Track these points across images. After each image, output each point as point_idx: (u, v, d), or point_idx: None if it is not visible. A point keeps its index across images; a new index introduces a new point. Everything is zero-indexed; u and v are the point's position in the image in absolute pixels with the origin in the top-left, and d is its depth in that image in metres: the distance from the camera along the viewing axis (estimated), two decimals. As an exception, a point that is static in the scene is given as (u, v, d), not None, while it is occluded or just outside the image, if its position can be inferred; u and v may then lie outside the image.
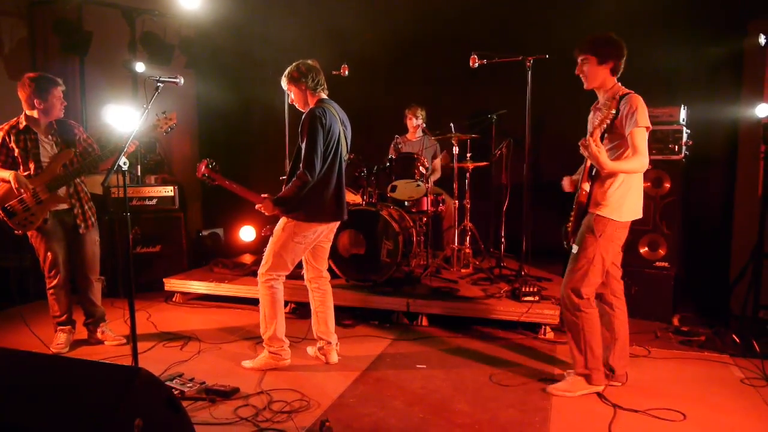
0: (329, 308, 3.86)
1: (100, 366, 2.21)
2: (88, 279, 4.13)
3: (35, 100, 3.80)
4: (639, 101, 3.06)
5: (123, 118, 5.71)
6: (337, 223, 3.79)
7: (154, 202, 5.74)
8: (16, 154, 3.81)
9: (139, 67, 6.11)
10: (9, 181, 3.71)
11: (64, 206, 3.95)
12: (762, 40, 4.06)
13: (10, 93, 4.08)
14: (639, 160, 3.03)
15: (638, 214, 3.24)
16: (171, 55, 6.40)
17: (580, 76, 3.23)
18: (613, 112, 3.02)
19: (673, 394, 3.31)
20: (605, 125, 3.01)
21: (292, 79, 3.56)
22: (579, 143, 3.02)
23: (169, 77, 3.26)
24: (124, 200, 3.07)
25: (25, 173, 3.80)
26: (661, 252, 4.63)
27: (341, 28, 5.64)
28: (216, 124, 6.95)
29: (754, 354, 3.78)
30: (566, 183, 3.49)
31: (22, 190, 3.72)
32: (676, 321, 4.45)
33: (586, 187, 3.18)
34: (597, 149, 2.95)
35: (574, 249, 3.24)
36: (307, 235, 3.59)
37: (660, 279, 4.62)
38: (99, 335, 4.19)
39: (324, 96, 3.61)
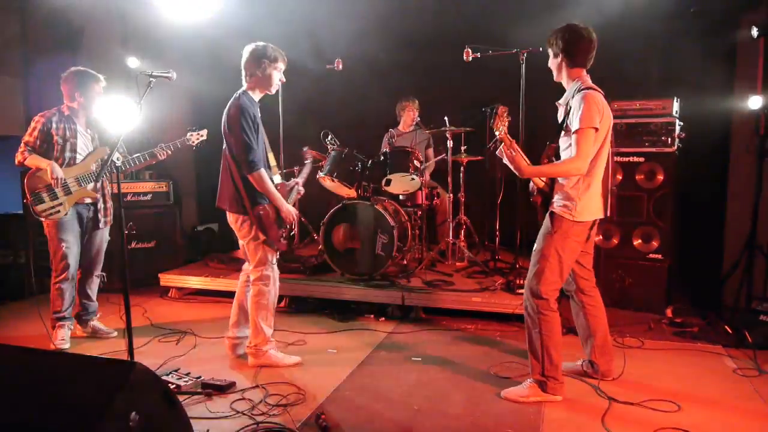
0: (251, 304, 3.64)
1: (96, 360, 2.21)
2: (90, 273, 4.20)
3: (76, 93, 3.94)
4: (590, 99, 2.85)
5: (116, 114, 5.67)
6: (233, 215, 3.56)
7: (148, 197, 5.73)
8: (54, 141, 3.89)
9: (132, 62, 6.08)
10: (45, 170, 3.79)
11: (90, 200, 4.03)
12: (754, 32, 4.08)
13: (2, 89, 4.07)
14: (572, 164, 2.87)
15: (598, 214, 3.09)
16: (163, 50, 6.36)
17: None
18: (566, 108, 2.97)
19: (667, 385, 3.33)
20: (503, 130, 2.90)
21: None
22: (496, 152, 2.98)
23: (161, 72, 3.26)
24: (118, 196, 3.08)
25: (60, 161, 3.89)
26: (655, 244, 4.65)
27: (335, 23, 5.62)
28: (209, 118, 6.89)
29: (746, 344, 3.81)
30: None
31: (55, 181, 3.80)
32: (669, 312, 4.47)
33: (539, 182, 3.11)
34: (513, 153, 2.88)
35: (535, 247, 3.15)
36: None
37: (653, 271, 4.65)
38: (89, 329, 4.23)
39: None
